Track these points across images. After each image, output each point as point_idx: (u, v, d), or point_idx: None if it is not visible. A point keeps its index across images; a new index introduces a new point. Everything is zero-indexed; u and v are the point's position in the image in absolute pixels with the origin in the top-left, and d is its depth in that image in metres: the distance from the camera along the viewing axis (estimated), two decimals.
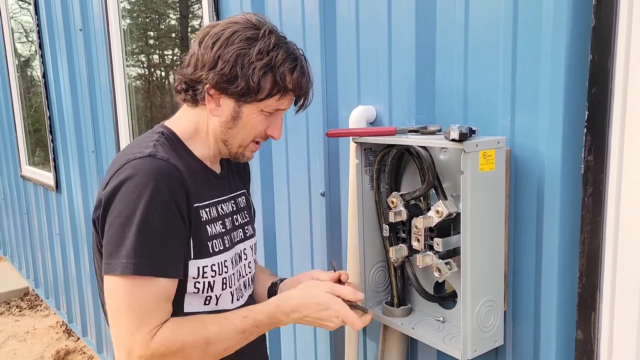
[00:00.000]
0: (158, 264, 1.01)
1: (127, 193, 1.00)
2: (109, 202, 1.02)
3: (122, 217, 1.00)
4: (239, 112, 1.11)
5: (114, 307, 1.02)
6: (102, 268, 1.02)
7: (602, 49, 0.97)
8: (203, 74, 1.08)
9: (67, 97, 3.42)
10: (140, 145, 1.09)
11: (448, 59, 1.24)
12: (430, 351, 1.38)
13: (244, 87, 1.06)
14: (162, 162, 1.03)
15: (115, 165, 1.07)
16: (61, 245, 3.97)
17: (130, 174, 1.01)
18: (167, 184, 1.02)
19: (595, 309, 1.05)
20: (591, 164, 1.01)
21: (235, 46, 1.05)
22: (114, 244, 1.00)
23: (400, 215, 1.21)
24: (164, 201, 1.01)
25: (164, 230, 1.01)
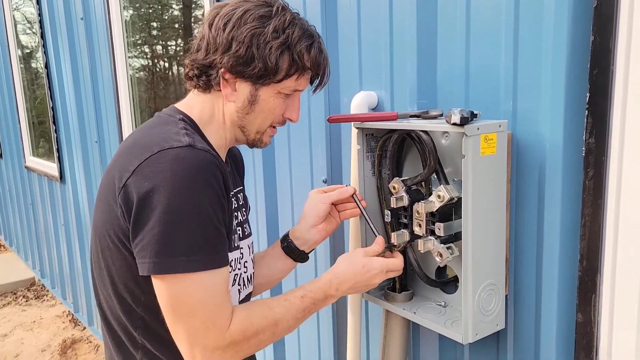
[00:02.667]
0: (219, 255, 0.98)
1: (175, 186, 0.92)
2: (149, 196, 0.93)
3: (173, 212, 0.92)
4: (256, 96, 1.06)
5: (181, 312, 0.96)
6: (148, 266, 0.94)
7: (604, 29, 0.97)
8: (217, 58, 1.02)
9: (69, 87, 3.42)
10: (166, 132, 1.01)
11: (449, 43, 1.23)
12: (432, 335, 1.38)
13: (261, 68, 1.01)
14: (204, 153, 0.97)
15: (141, 153, 0.97)
16: (66, 235, 4.00)
17: (174, 166, 0.93)
18: (214, 174, 0.96)
19: (595, 291, 1.05)
20: (592, 146, 1.01)
21: (249, 25, 1.00)
22: (167, 241, 0.93)
23: (402, 201, 1.21)
24: (215, 192, 0.96)
25: (217, 221, 0.97)
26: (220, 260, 0.98)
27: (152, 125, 1.09)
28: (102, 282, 1.08)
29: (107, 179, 1.03)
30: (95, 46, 3.05)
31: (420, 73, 1.30)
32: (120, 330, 1.09)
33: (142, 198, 0.93)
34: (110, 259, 1.04)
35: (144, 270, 0.95)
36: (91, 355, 3.74)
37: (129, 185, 0.95)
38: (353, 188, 1.27)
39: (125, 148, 1.05)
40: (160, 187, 0.92)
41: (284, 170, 1.84)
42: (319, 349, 1.83)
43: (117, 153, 1.07)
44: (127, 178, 0.96)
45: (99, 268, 1.08)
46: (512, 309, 1.19)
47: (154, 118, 1.12)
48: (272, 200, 1.91)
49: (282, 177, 1.86)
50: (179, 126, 1.04)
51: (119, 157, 1.03)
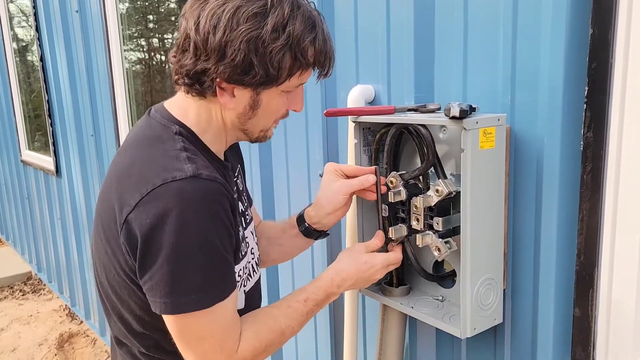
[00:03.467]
0: (228, 285, 0.96)
1: (180, 223, 0.87)
2: (154, 234, 0.88)
3: (181, 251, 0.88)
4: (258, 100, 0.97)
5: (191, 339, 0.95)
6: (160, 306, 0.92)
7: (603, 22, 0.96)
8: (210, 67, 0.91)
9: (65, 80, 3.40)
10: (165, 157, 0.94)
11: (447, 36, 1.22)
12: (430, 330, 1.38)
13: (262, 75, 0.91)
14: (209, 183, 0.91)
15: (141, 184, 0.90)
16: (62, 229, 3.98)
17: (179, 202, 0.87)
18: (221, 204, 0.92)
19: (593, 286, 1.05)
20: (590, 140, 1.01)
21: (244, 27, 0.88)
22: (176, 281, 0.90)
23: (400, 195, 1.20)
24: (222, 223, 0.92)
25: (225, 251, 0.94)
26: (228, 288, 0.96)
27: (148, 141, 1.00)
28: (112, 304, 1.07)
29: (107, 206, 0.98)
30: (90, 39, 3.02)
31: (417, 66, 1.29)
32: (133, 347, 1.09)
33: (146, 237, 0.89)
34: (119, 288, 1.02)
35: (156, 310, 0.94)
36: (88, 349, 3.74)
37: (131, 222, 0.90)
38: (374, 177, 1.19)
39: (124, 169, 0.97)
40: (165, 224, 0.87)
41: (280, 165, 1.83)
42: (316, 343, 1.83)
43: (115, 172, 1.00)
44: (128, 213, 0.91)
45: (107, 293, 1.06)
46: (509, 303, 1.19)
47: (147, 127, 1.03)
48: (268, 195, 1.90)
49: (278, 172, 1.85)
50: (177, 146, 0.96)
51: (118, 181, 0.97)
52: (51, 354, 3.66)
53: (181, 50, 0.95)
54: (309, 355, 1.87)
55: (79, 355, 3.69)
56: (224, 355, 0.97)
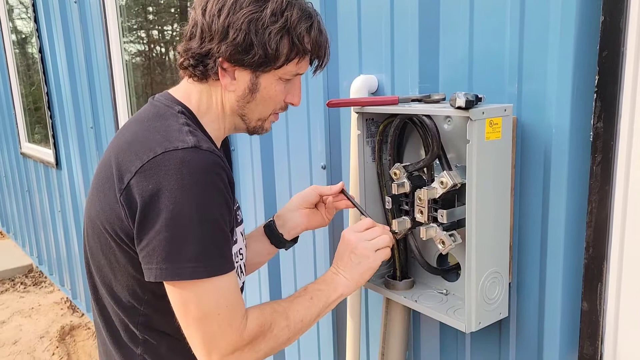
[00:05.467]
0: (227, 259, 0.96)
1: (181, 190, 0.89)
2: (155, 199, 0.90)
3: (180, 217, 0.89)
4: (257, 84, 1.02)
5: (196, 313, 0.94)
6: (155, 272, 0.92)
7: (615, 9, 0.93)
8: (213, 47, 0.97)
9: (64, 72, 3.38)
10: (168, 129, 0.97)
11: (452, 23, 1.19)
12: (434, 324, 1.37)
13: (261, 55, 0.97)
14: (209, 154, 0.94)
15: (143, 152, 0.93)
16: (63, 222, 3.97)
17: (180, 169, 0.90)
18: (220, 176, 0.94)
19: (601, 280, 1.03)
20: (600, 131, 0.98)
21: (245, 10, 0.95)
22: (174, 247, 0.90)
23: (404, 187, 1.18)
24: (221, 194, 0.94)
25: (224, 224, 0.95)
26: (228, 264, 0.96)
27: (150, 117, 1.03)
28: (102, 278, 1.06)
29: (105, 174, 0.99)
30: (89, 31, 2.99)
31: (422, 56, 1.27)
32: (120, 326, 1.07)
33: (146, 201, 0.90)
34: (113, 257, 1.01)
35: (150, 277, 0.93)
36: (90, 341, 3.74)
37: (132, 187, 0.92)
38: (342, 183, 1.28)
39: (125, 143, 0.99)
40: (166, 190, 0.89)
41: (282, 157, 1.81)
42: (318, 336, 1.81)
43: (115, 146, 1.01)
44: (129, 178, 0.93)
45: (98, 265, 1.05)
46: (515, 297, 1.17)
47: (150, 107, 1.07)
48: (270, 187, 1.88)
49: (280, 164, 1.83)
50: (180, 121, 0.99)
51: (118, 153, 0.98)
52: (52, 347, 3.66)
53: (189, 37, 1.02)
54: (312, 349, 1.86)
55: (81, 347, 3.69)
56: (233, 331, 0.95)
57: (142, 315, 1.04)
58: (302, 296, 1.07)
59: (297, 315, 1.05)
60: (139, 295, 1.02)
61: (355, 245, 1.11)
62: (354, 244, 1.11)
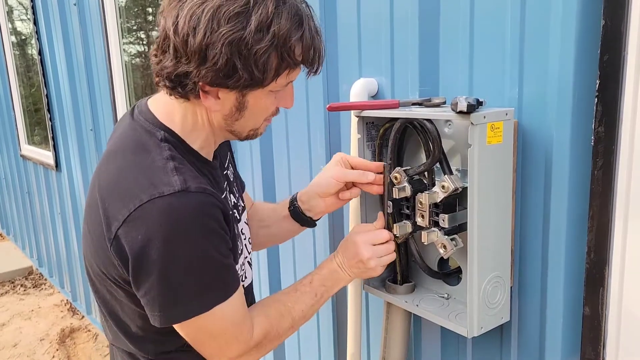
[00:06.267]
0: (229, 285, 0.95)
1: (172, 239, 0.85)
2: (145, 251, 0.86)
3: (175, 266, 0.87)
4: (244, 102, 0.93)
5: (204, 339, 0.96)
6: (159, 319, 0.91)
7: (616, 13, 0.92)
8: (191, 70, 0.86)
9: (63, 74, 3.37)
10: (152, 168, 0.90)
11: (453, 27, 1.19)
12: (435, 328, 1.36)
13: (247, 78, 0.87)
14: (198, 196, 0.88)
15: (128, 199, 0.87)
16: (63, 224, 3.97)
17: (168, 218, 0.85)
18: (213, 217, 0.90)
19: (603, 284, 1.03)
20: (602, 135, 0.98)
21: (225, 29, 0.82)
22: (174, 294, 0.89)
23: (404, 191, 1.18)
24: (216, 234, 0.90)
25: (223, 258, 0.93)
26: (231, 288, 0.96)
27: (133, 149, 0.95)
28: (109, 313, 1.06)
29: (94, 217, 0.94)
30: (89, 33, 2.99)
31: (422, 59, 1.26)
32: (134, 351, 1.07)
33: (137, 253, 0.87)
34: (115, 296, 1.01)
35: (155, 322, 0.93)
36: (90, 344, 3.73)
37: (121, 237, 0.88)
38: (373, 175, 1.19)
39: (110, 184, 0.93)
40: (156, 240, 0.85)
41: (282, 160, 1.80)
42: (319, 341, 1.81)
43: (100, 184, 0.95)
44: (117, 228, 0.88)
45: (103, 299, 1.05)
46: (517, 301, 1.17)
47: (131, 131, 0.98)
48: (270, 191, 1.88)
49: (280, 167, 1.82)
50: (164, 154, 0.92)
51: (105, 195, 0.92)
52: (53, 349, 3.65)
53: (161, 50, 0.90)
54: (312, 353, 1.85)
55: (81, 350, 3.69)
56: (241, 345, 1.00)
57: (152, 344, 1.05)
58: (307, 293, 1.10)
59: (301, 314, 1.09)
60: (145, 328, 1.01)
61: (368, 260, 1.13)
62: (366, 258, 1.13)
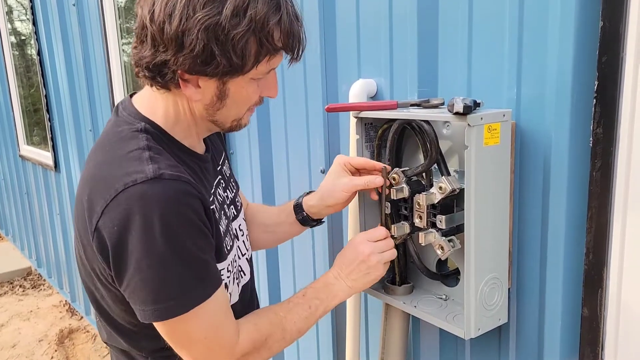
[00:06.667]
0: (209, 284, 0.92)
1: (147, 228, 0.84)
2: (122, 242, 0.85)
3: (151, 257, 0.85)
4: (225, 90, 0.92)
5: (184, 342, 0.93)
6: (141, 314, 0.90)
7: (614, 14, 0.92)
8: (169, 58, 0.85)
9: (62, 74, 3.37)
10: (128, 158, 0.89)
11: (451, 28, 1.19)
12: (433, 330, 1.36)
13: (225, 65, 0.85)
14: (173, 183, 0.86)
15: (105, 190, 0.87)
16: (62, 225, 3.96)
17: (142, 207, 0.84)
18: (187, 204, 0.87)
19: (602, 286, 1.03)
20: (600, 136, 0.98)
21: (201, 14, 0.81)
22: (151, 288, 0.87)
23: (402, 192, 1.18)
24: (191, 222, 0.88)
25: (200, 252, 0.90)
26: (210, 287, 0.92)
27: (113, 139, 0.96)
28: (101, 313, 1.05)
29: (79, 212, 0.95)
30: (88, 33, 2.99)
31: (420, 60, 1.26)
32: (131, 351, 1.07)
33: (115, 244, 0.86)
34: (103, 294, 1.00)
35: (139, 317, 0.92)
36: (88, 344, 3.73)
37: (100, 229, 0.87)
38: (381, 179, 1.16)
39: (91, 177, 0.93)
40: (132, 230, 0.84)
41: (281, 161, 1.80)
42: (318, 342, 1.81)
43: (84, 179, 0.96)
44: (97, 220, 0.88)
45: (95, 298, 1.04)
46: (514, 302, 1.17)
47: (113, 125, 0.99)
48: (269, 191, 1.88)
49: (279, 168, 1.82)
50: (140, 144, 0.91)
51: (88, 189, 0.92)
52: (51, 350, 3.65)
53: (139, 40, 0.90)
54: (311, 354, 1.85)
55: (79, 351, 3.68)
56: (223, 350, 0.95)
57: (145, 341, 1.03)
58: (300, 305, 1.05)
59: (294, 327, 1.03)
60: (137, 325, 0.99)
61: (369, 256, 1.09)
62: (367, 254, 1.09)
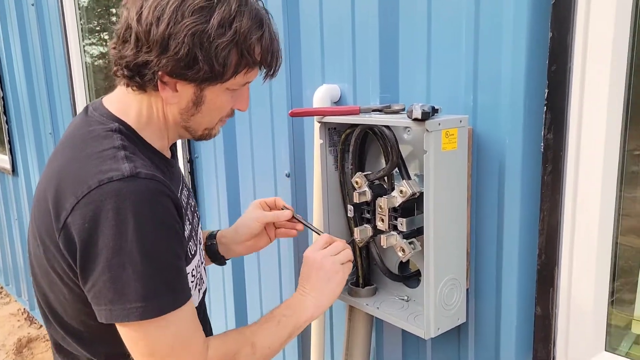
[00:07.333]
0: (179, 294, 0.89)
1: (120, 227, 0.83)
2: (93, 239, 0.84)
3: (122, 256, 0.83)
4: (202, 97, 0.94)
5: (149, 352, 0.90)
6: (105, 314, 0.87)
7: (562, 26, 0.97)
8: (152, 59, 0.87)
9: (21, 76, 3.28)
10: (102, 156, 0.89)
11: (411, 37, 1.22)
12: (396, 330, 1.39)
13: (207, 71, 0.89)
14: (148, 182, 0.86)
15: (77, 186, 0.86)
16: (20, 231, 3.84)
17: (117, 203, 0.83)
18: (162, 204, 0.87)
19: (553, 285, 1.07)
20: (551, 142, 1.02)
21: (189, 21, 0.85)
22: (120, 287, 0.85)
23: (365, 196, 1.20)
24: (166, 225, 0.87)
25: (173, 257, 0.89)
26: (180, 298, 0.90)
27: (84, 140, 0.94)
28: (55, 317, 1.01)
29: (42, 209, 0.92)
30: (47, 34, 2.92)
31: (382, 66, 1.29)
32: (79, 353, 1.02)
33: (85, 241, 0.85)
34: (61, 295, 0.96)
35: (101, 318, 0.89)
36: (48, 354, 3.62)
37: (69, 226, 0.86)
38: (290, 212, 1.25)
39: (59, 174, 0.91)
40: (104, 228, 0.83)
41: (246, 165, 1.80)
42: None
43: (49, 175, 0.94)
44: (65, 217, 0.86)
45: (49, 304, 1.00)
46: (472, 302, 1.20)
47: (83, 124, 0.98)
48: (234, 195, 1.88)
49: (244, 172, 1.82)
50: (115, 144, 0.91)
51: (54, 185, 0.90)
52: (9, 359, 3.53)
53: (122, 40, 0.91)
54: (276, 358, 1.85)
55: None
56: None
57: (103, 346, 1.00)
58: (268, 321, 1.04)
59: (264, 342, 1.01)
60: (94, 327, 0.95)
61: (322, 263, 1.10)
62: (320, 262, 1.10)
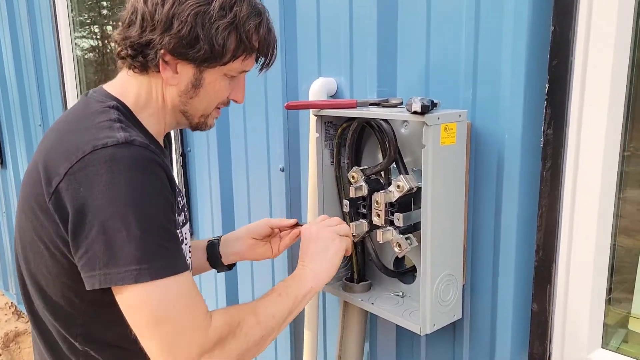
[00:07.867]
0: (176, 260, 0.89)
1: (114, 191, 0.83)
2: (87, 203, 0.84)
3: (117, 219, 0.83)
4: (201, 79, 0.98)
5: (150, 319, 0.86)
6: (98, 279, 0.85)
7: (564, 20, 0.96)
8: (155, 38, 0.92)
9: (10, 67, 3.23)
10: (97, 126, 0.90)
11: (410, 30, 1.21)
12: (390, 326, 1.38)
13: (207, 50, 0.93)
14: (143, 150, 0.88)
15: (71, 152, 0.87)
16: (8, 223, 3.79)
17: (111, 168, 0.84)
18: (155, 172, 0.88)
19: (550, 281, 1.06)
20: (550, 137, 1.01)
21: (193, 2, 0.91)
22: (114, 251, 0.84)
23: (361, 191, 1.19)
24: (159, 191, 0.88)
25: (167, 222, 0.89)
26: (179, 263, 0.89)
27: (80, 114, 0.97)
28: (36, 290, 0.99)
29: (32, 179, 0.92)
30: (38, 26, 2.87)
31: (380, 60, 1.27)
32: (58, 338, 1.00)
33: (79, 207, 0.84)
34: (45, 268, 0.95)
35: (95, 284, 0.86)
36: None
37: (62, 191, 0.86)
38: (295, 220, 1.25)
39: (52, 144, 0.92)
40: (98, 192, 0.83)
41: (240, 158, 1.78)
42: (275, 341, 1.80)
43: (41, 149, 0.94)
44: (58, 182, 0.86)
45: (32, 276, 0.98)
46: (469, 298, 1.20)
47: (81, 103, 1.01)
48: (227, 189, 1.86)
49: (238, 165, 1.80)
50: (111, 117, 0.93)
51: (45, 155, 0.91)
52: None
53: (127, 24, 0.96)
54: (269, 353, 1.84)
55: (26, 354, 3.53)
56: (196, 333, 0.88)
57: (81, 326, 0.97)
58: (269, 294, 1.03)
59: (267, 311, 0.99)
60: (76, 305, 0.95)
61: (318, 232, 1.10)
62: (316, 232, 1.10)
